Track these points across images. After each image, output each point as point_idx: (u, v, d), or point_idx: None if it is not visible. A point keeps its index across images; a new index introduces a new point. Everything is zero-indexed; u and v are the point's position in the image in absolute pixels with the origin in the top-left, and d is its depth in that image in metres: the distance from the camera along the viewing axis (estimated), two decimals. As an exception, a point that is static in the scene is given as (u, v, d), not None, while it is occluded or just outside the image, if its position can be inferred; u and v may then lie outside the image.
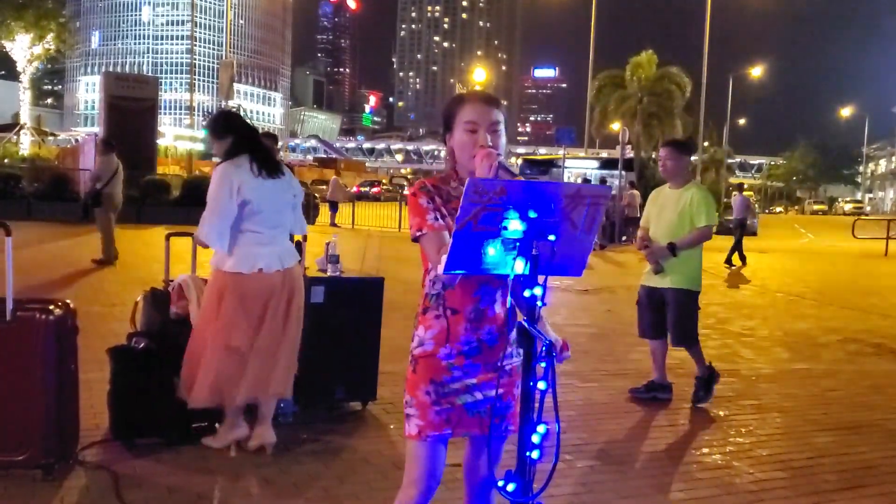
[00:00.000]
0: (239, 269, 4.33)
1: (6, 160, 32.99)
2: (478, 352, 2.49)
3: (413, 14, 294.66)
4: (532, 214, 1.94)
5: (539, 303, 2.02)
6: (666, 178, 6.24)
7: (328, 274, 5.47)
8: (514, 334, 2.54)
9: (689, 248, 5.90)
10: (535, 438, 2.01)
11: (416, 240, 2.46)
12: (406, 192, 29.77)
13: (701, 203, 5.89)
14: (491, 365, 2.49)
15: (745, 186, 23.41)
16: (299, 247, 4.94)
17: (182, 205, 23.27)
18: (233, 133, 4.51)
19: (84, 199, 15.52)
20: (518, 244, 1.99)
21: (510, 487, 2.04)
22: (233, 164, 4.39)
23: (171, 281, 4.90)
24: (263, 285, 4.40)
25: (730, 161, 79.59)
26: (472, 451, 2.68)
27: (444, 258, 2.01)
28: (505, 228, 1.96)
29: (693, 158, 49.67)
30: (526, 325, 2.00)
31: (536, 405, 2.06)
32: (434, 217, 2.41)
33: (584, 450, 5.06)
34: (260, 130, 5.24)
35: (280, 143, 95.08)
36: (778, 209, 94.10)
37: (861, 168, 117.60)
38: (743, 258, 19.46)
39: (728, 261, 19.18)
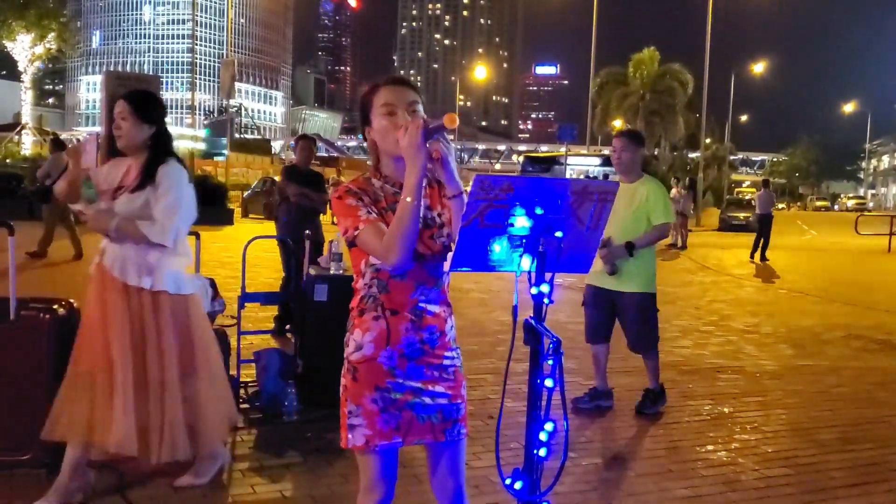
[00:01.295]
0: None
1: (8, 160, 33.05)
2: (420, 353, 2.39)
3: (414, 12, 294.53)
4: (539, 211, 1.93)
5: (546, 300, 2.01)
6: (620, 172, 5.70)
7: (332, 272, 5.47)
8: (454, 333, 2.50)
9: (646, 246, 5.53)
10: (543, 436, 1.99)
11: (352, 243, 2.35)
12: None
13: (658, 199, 5.53)
14: (435, 367, 2.41)
15: (770, 182, 23.57)
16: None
17: (184, 204, 23.28)
18: (158, 123, 3.85)
19: (30, 195, 15.74)
20: (524, 241, 1.98)
21: (517, 486, 2.03)
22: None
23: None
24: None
25: (732, 158, 79.59)
26: (432, 459, 2.54)
27: (449, 255, 2.00)
28: (511, 225, 1.94)
29: (695, 155, 49.77)
30: (533, 322, 1.99)
31: (543, 402, 2.04)
32: (367, 212, 2.31)
33: (589, 447, 5.05)
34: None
35: (281, 142, 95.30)
36: (780, 206, 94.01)
37: (864, 164, 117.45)
38: (758, 253, 19.86)
39: (763, 257, 19.65)
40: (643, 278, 5.58)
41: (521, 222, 1.94)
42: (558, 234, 1.96)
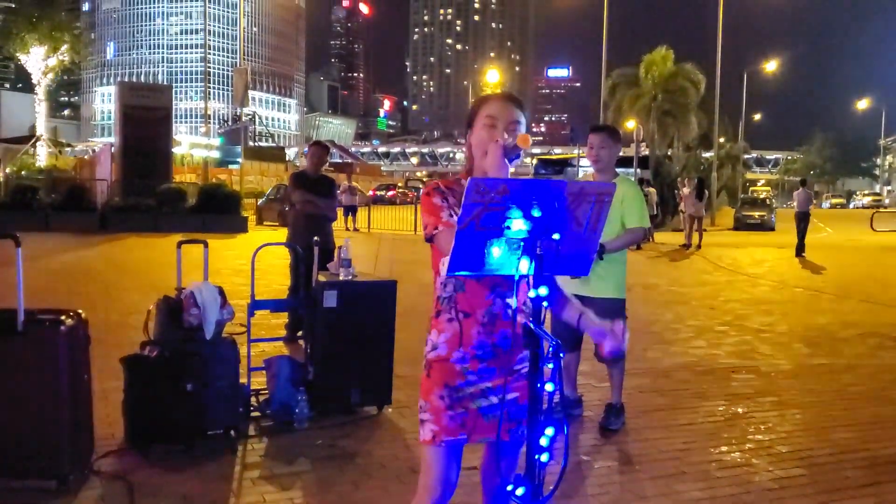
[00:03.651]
0: None
1: (23, 172, 33.29)
2: (492, 356, 2.44)
3: (426, 17, 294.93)
4: (536, 213, 1.91)
5: (545, 303, 1.99)
6: (598, 171, 5.41)
7: (341, 278, 5.47)
8: None
9: (618, 250, 5.26)
10: (544, 441, 1.97)
11: (430, 239, 2.42)
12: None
13: (634, 201, 5.30)
14: (506, 369, 2.45)
15: (808, 181, 24.26)
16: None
17: (198, 212, 23.41)
18: None
19: None
20: (522, 244, 1.96)
21: (519, 491, 2.01)
22: None
23: (184, 289, 4.89)
24: None
25: (746, 157, 79.19)
26: (489, 457, 2.63)
27: (446, 260, 1.98)
28: (508, 228, 1.92)
29: (709, 154, 49.50)
30: (532, 325, 1.97)
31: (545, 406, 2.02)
32: (449, 214, 2.38)
33: (601, 450, 5.02)
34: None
35: (295, 150, 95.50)
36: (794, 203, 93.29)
37: (878, 161, 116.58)
38: (802, 249, 20.71)
39: (798, 252, 20.44)
40: (613, 283, 5.27)
41: (517, 225, 1.92)
42: (556, 236, 1.94)
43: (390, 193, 52.15)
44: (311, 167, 7.97)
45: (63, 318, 4.02)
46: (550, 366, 1.99)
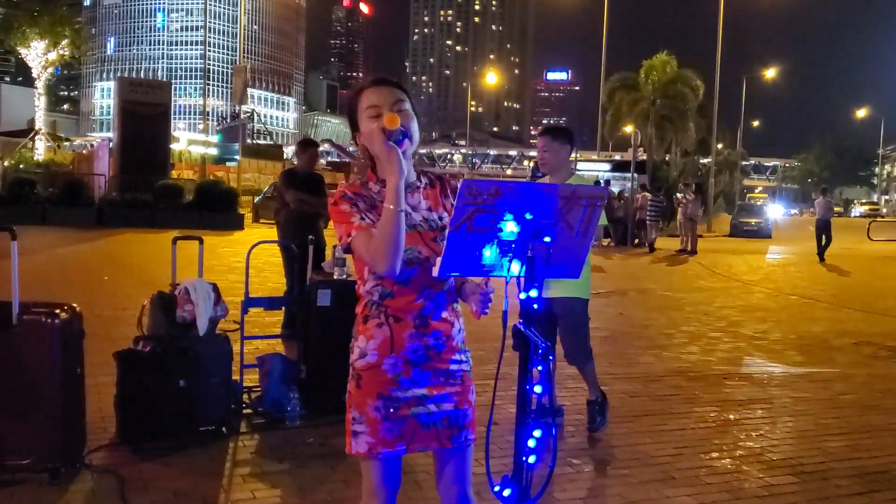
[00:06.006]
0: None
1: (21, 165, 33.25)
2: (425, 359, 2.36)
3: (426, 18, 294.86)
4: (528, 216, 1.91)
5: (535, 305, 2.00)
6: (546, 172, 5.33)
7: (335, 277, 5.47)
8: (461, 337, 2.47)
9: None
10: (531, 443, 1.98)
11: (347, 249, 2.32)
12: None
13: None
14: (441, 372, 2.38)
15: (827, 189, 25.50)
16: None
17: (195, 209, 23.39)
18: None
19: None
20: (513, 246, 1.96)
21: (506, 493, 2.01)
22: None
23: (178, 285, 4.90)
24: None
25: (744, 163, 79.30)
26: (438, 465, 2.52)
27: (438, 260, 1.98)
28: (500, 230, 1.93)
29: (707, 161, 49.57)
30: (521, 327, 1.98)
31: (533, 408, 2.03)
32: (360, 218, 2.28)
33: (590, 454, 5.02)
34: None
35: (293, 148, 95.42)
36: (793, 211, 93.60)
37: (877, 170, 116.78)
38: (822, 254, 22.24)
39: (821, 258, 21.91)
40: (573, 283, 5.09)
41: (509, 227, 1.92)
42: (547, 239, 1.95)
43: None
44: (306, 166, 7.95)
45: (57, 311, 4.02)
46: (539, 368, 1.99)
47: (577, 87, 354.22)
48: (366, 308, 2.39)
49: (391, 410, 2.33)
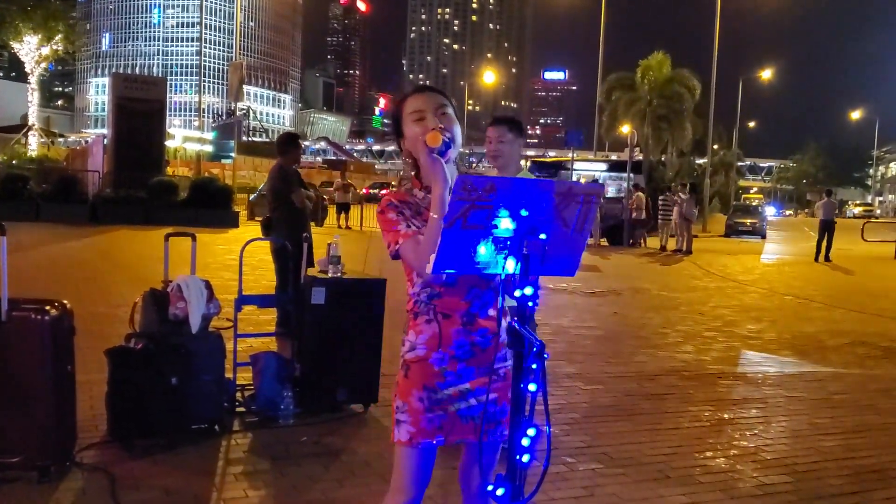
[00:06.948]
0: None
1: (14, 161, 33.14)
2: (471, 355, 2.42)
3: (423, 16, 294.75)
4: (523, 213, 1.89)
5: (530, 303, 1.98)
6: (497, 167, 4.56)
7: (329, 275, 5.44)
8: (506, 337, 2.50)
9: None
10: (525, 442, 1.96)
11: (395, 255, 2.39)
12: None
13: None
14: (484, 368, 2.43)
15: (833, 191, 25.81)
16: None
17: (189, 206, 23.32)
18: None
19: None
20: (508, 243, 1.94)
21: (499, 492, 1.99)
22: None
23: (170, 282, 4.87)
24: None
25: (739, 164, 79.40)
26: (468, 458, 2.61)
27: (432, 257, 1.96)
28: (495, 227, 1.91)
29: (702, 161, 49.64)
30: (516, 326, 1.95)
31: (527, 408, 2.01)
32: (406, 226, 2.36)
33: (587, 453, 5.01)
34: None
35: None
36: (788, 212, 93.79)
37: (871, 171, 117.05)
38: (820, 254, 22.55)
39: (827, 258, 22.31)
40: None
41: (504, 224, 1.90)
42: (542, 236, 1.93)
43: (384, 192, 52.04)
44: (294, 163, 7.90)
45: (48, 308, 3.98)
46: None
47: (574, 87, 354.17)
48: (415, 305, 2.47)
49: (434, 402, 2.41)
